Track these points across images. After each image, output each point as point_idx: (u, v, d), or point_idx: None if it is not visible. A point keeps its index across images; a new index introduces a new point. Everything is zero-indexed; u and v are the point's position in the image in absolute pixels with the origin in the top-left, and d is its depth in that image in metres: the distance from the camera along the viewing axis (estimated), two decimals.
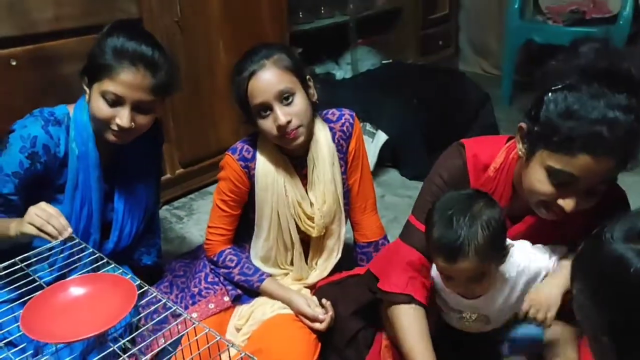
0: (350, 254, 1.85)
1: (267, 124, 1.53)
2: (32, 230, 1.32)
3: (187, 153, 2.70)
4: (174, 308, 1.13)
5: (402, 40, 4.15)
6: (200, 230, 2.43)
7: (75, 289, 1.14)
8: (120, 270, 1.22)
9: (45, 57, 2.07)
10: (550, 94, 1.11)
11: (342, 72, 3.71)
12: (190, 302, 1.68)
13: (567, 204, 1.14)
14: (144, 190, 1.73)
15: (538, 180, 1.16)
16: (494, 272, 1.25)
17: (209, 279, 1.71)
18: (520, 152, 1.23)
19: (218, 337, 1.03)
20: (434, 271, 1.36)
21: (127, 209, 1.69)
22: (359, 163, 1.75)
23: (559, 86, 1.10)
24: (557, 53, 1.18)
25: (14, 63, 2.01)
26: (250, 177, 1.63)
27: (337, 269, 1.78)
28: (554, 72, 1.14)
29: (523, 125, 1.21)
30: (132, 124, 1.47)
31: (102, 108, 1.46)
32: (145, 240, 1.81)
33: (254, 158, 1.63)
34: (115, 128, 1.48)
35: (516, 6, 3.69)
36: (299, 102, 1.53)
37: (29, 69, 2.05)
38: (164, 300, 1.14)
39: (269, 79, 1.50)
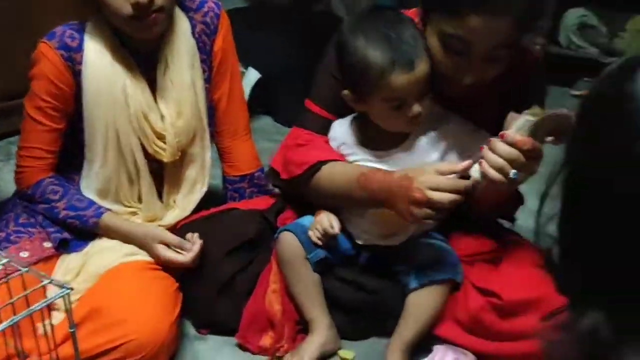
0: (218, 193, 1.54)
1: None
2: None
3: None
4: None
5: None
6: None
7: None
8: None
9: None
10: None
11: None
12: None
13: (465, 77, 1.10)
14: None
15: (432, 49, 1.12)
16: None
17: (21, 220, 1.31)
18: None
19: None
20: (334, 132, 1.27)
21: None
22: (226, 70, 1.41)
23: None
24: None
25: None
26: (76, 75, 1.25)
27: (201, 207, 1.42)
28: None
29: None
30: None
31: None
32: None
33: (80, 48, 1.24)
34: None
35: None
36: None
37: None
38: None
39: None
